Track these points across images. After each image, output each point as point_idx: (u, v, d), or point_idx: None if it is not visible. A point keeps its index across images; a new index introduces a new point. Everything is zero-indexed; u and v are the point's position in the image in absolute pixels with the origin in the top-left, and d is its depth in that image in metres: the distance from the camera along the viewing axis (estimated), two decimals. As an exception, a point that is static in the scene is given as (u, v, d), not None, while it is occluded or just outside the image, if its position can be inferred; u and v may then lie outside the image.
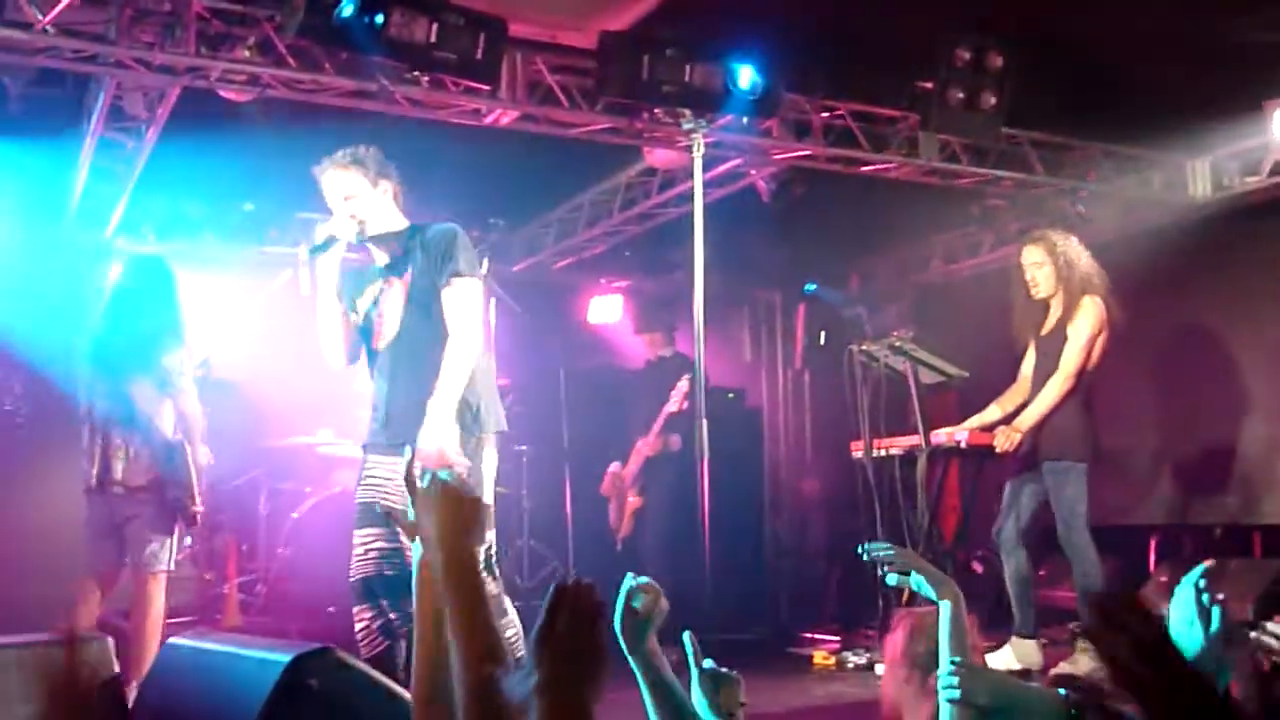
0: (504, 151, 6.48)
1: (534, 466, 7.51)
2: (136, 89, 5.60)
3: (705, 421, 4.04)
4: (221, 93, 5.38)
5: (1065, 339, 5.64)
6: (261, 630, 5.93)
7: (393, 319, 4.10)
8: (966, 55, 5.89)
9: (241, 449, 6.90)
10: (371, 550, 4.00)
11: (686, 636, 2.46)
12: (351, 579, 4.04)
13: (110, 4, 4.92)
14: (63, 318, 7.23)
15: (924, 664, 2.86)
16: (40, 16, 4.76)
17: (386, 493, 3.99)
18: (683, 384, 6.36)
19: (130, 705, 3.21)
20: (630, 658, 2.45)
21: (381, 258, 4.21)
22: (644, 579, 2.45)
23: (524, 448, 7.52)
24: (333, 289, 4.12)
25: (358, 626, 3.97)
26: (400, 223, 4.22)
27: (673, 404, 6.36)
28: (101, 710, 3.14)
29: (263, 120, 5.66)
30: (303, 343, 4.81)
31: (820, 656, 6.30)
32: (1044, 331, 5.79)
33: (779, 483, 9.01)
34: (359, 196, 4.09)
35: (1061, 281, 5.71)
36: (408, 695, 2.95)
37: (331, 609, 6.39)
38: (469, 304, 4.03)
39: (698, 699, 2.38)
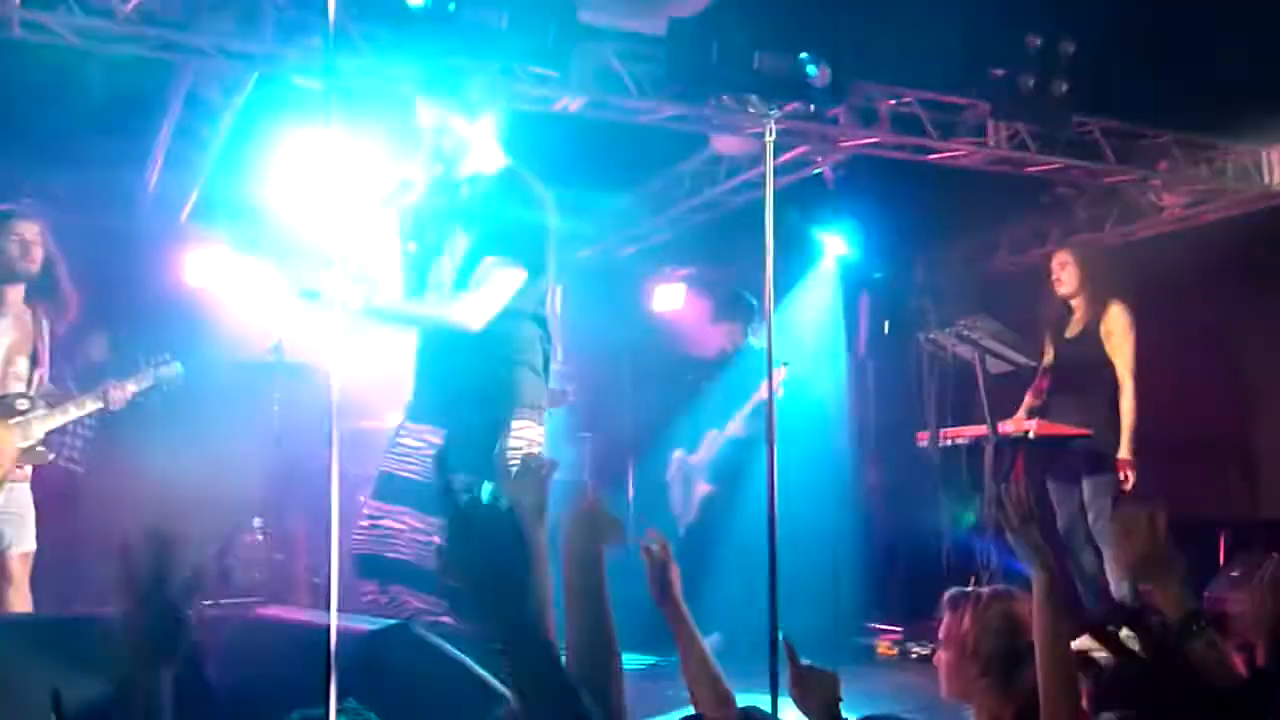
0: (570, 138, 6.53)
1: (597, 453, 7.56)
2: (214, 76, 5.71)
3: (774, 409, 4.01)
4: (296, 80, 5.47)
5: (1098, 344, 5.80)
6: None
7: (447, 272, 3.73)
8: (1038, 42, 5.84)
9: (313, 432, 7.00)
10: (378, 527, 3.69)
11: (781, 636, 2.50)
12: (354, 551, 3.70)
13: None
14: (137, 306, 7.44)
15: (1001, 662, 2.77)
16: (122, 5, 4.88)
17: (408, 464, 3.71)
18: (781, 371, 6.27)
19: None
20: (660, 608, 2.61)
21: (460, 199, 3.80)
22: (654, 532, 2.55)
23: (587, 435, 7.57)
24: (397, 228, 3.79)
25: (365, 600, 3.70)
26: (495, 160, 3.81)
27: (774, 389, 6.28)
28: (182, 681, 3.20)
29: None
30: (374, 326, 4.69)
31: (883, 647, 6.30)
32: (1069, 334, 5.87)
33: (842, 472, 8.96)
34: (453, 130, 3.70)
35: (1084, 285, 5.90)
36: (483, 673, 3.01)
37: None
38: (497, 285, 3.63)
39: (793, 695, 2.41)
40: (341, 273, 3.55)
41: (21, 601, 4.50)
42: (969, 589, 2.93)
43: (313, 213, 7.44)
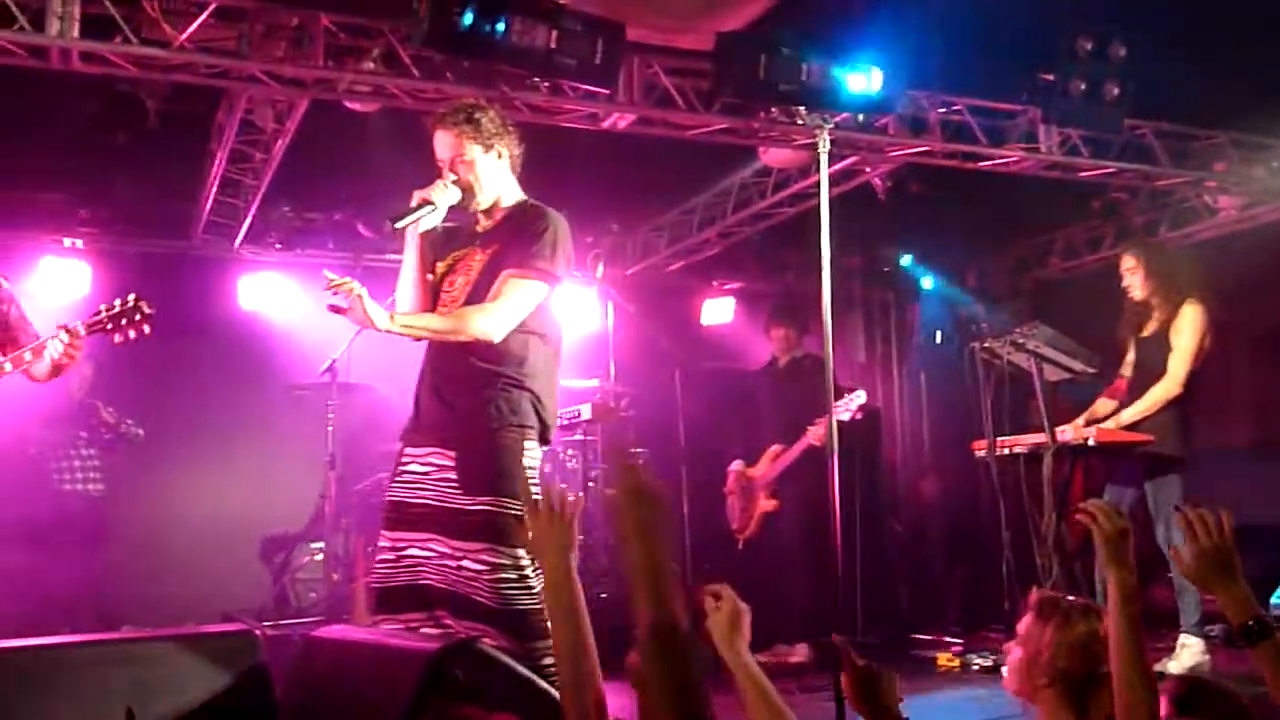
0: (618, 156, 6.56)
1: (650, 468, 7.53)
2: (266, 102, 5.77)
3: (835, 420, 3.98)
4: (347, 104, 5.53)
5: (1168, 344, 5.66)
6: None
7: (462, 292, 3.72)
8: (1088, 45, 5.79)
9: (367, 452, 7.05)
10: (405, 556, 3.65)
11: (837, 639, 2.43)
12: (384, 584, 3.67)
13: (242, 20, 5.09)
14: (190, 330, 7.53)
15: (1073, 683, 2.71)
16: (177, 33, 4.94)
17: (420, 490, 3.68)
18: (859, 396, 6.19)
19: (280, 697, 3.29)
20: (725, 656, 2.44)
21: (480, 224, 3.84)
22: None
23: (641, 450, 7.56)
24: (417, 255, 3.75)
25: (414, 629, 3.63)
26: (512, 193, 3.82)
27: (843, 413, 6.14)
28: (252, 701, 3.23)
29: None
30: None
31: (945, 658, 6.22)
32: (1145, 334, 5.80)
33: (897, 483, 8.93)
34: (468, 159, 3.72)
35: (1155, 287, 5.76)
36: (551, 689, 3.00)
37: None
38: (517, 297, 3.62)
39: (851, 697, 2.37)
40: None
41: None
42: (1059, 596, 2.88)
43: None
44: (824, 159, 4.05)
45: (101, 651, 3.07)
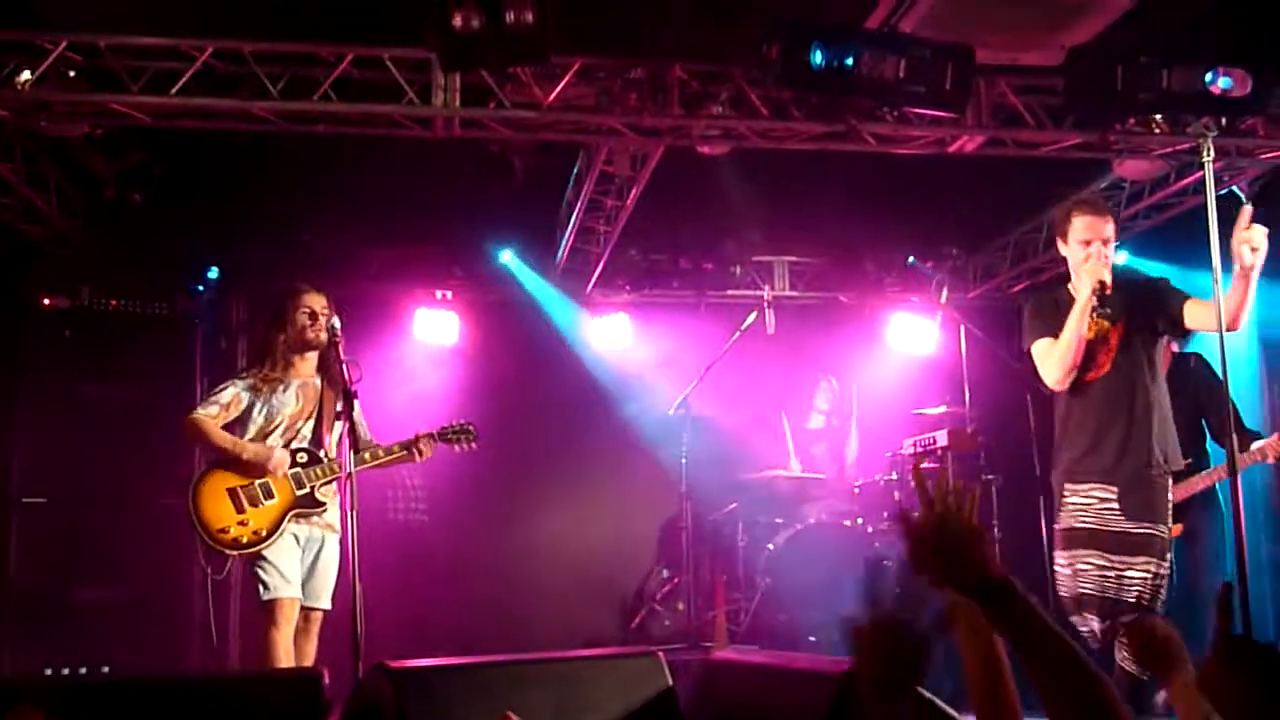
0: (955, 179, 6.48)
1: (1004, 497, 7.33)
2: (624, 151, 6.07)
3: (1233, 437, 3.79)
4: (699, 148, 5.74)
5: None
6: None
7: (1104, 357, 4.37)
8: None
9: (720, 483, 7.22)
10: (1079, 571, 4.30)
11: None
12: (1066, 594, 4.37)
13: (601, 77, 5.40)
14: (544, 370, 7.98)
15: None
16: (544, 95, 5.30)
17: (1084, 516, 4.33)
18: None
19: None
20: None
21: (1102, 298, 4.38)
22: None
23: (993, 476, 7.37)
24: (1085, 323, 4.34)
25: (1084, 631, 4.33)
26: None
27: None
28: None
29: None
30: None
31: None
32: None
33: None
34: (1111, 241, 4.40)
35: None
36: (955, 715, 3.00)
37: (813, 638, 6.54)
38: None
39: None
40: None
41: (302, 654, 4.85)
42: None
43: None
44: (1209, 168, 3.88)
45: (526, 670, 3.30)
